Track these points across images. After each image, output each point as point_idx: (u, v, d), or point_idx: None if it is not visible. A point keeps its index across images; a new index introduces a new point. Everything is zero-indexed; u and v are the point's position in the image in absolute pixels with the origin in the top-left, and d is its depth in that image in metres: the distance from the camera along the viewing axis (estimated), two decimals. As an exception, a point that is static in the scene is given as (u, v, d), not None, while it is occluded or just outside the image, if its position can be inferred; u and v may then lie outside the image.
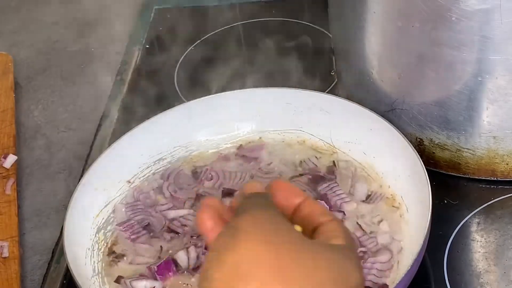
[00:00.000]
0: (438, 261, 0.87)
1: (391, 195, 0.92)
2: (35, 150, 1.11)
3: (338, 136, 0.98)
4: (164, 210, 0.93)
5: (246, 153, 1.00)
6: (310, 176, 0.95)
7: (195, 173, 0.98)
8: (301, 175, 0.96)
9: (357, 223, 0.89)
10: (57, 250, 0.96)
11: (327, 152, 0.98)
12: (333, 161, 0.97)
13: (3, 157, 1.06)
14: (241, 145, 1.01)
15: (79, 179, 0.93)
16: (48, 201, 1.03)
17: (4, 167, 1.05)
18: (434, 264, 0.87)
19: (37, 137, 1.13)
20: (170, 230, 0.91)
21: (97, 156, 0.96)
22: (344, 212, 0.90)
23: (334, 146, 0.99)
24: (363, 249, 0.86)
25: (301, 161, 0.98)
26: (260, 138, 1.01)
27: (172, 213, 0.93)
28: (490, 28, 0.83)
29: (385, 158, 0.93)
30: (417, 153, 0.88)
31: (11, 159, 1.06)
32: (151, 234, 0.91)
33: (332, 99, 0.99)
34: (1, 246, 0.94)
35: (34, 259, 0.96)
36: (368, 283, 0.82)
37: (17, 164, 1.06)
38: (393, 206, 0.90)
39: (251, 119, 1.01)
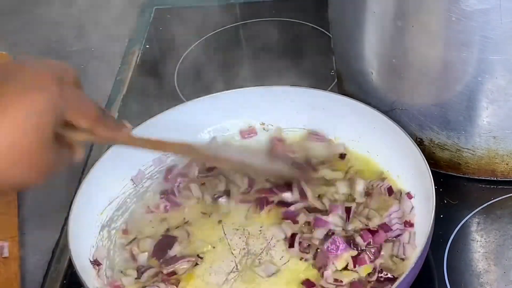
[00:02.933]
0: (438, 261, 0.87)
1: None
2: (35, 150, 1.11)
3: (341, 134, 0.98)
4: None
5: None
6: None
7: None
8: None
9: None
10: (57, 250, 0.96)
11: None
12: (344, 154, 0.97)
13: (3, 157, 1.06)
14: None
15: (80, 179, 0.93)
16: (48, 201, 1.03)
17: (4, 167, 1.05)
18: (434, 264, 0.87)
19: (37, 137, 1.13)
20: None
21: (97, 156, 0.96)
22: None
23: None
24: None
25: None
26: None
27: None
28: (490, 28, 0.83)
29: (388, 157, 0.93)
30: (420, 152, 0.88)
31: (11, 159, 1.05)
32: None
33: (336, 97, 0.99)
34: (1, 246, 0.94)
35: (34, 259, 0.96)
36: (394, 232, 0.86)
37: (17, 164, 1.06)
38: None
39: (253, 118, 1.01)
